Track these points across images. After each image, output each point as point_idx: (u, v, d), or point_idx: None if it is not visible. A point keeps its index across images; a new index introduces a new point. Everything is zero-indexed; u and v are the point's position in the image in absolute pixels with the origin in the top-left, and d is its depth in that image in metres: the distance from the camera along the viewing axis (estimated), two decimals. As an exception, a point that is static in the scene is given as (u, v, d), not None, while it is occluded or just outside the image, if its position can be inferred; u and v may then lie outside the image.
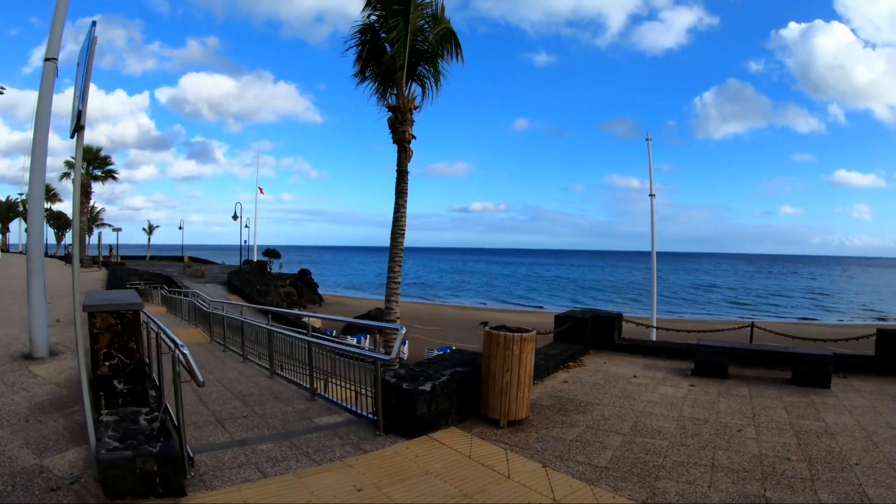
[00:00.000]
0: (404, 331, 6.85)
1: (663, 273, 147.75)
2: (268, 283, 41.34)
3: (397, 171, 14.01)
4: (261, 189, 52.67)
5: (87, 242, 44.27)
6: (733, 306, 67.08)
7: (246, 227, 49.95)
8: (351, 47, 14.55)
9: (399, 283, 13.84)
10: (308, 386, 7.74)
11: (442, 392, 5.94)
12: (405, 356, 31.80)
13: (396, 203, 13.89)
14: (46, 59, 8.03)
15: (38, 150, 7.97)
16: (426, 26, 14.11)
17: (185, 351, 4.30)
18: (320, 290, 53.90)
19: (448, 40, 14.47)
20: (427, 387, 5.76)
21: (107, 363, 4.82)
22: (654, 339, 16.77)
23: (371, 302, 61.83)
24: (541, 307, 64.44)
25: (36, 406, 5.88)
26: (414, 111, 14.23)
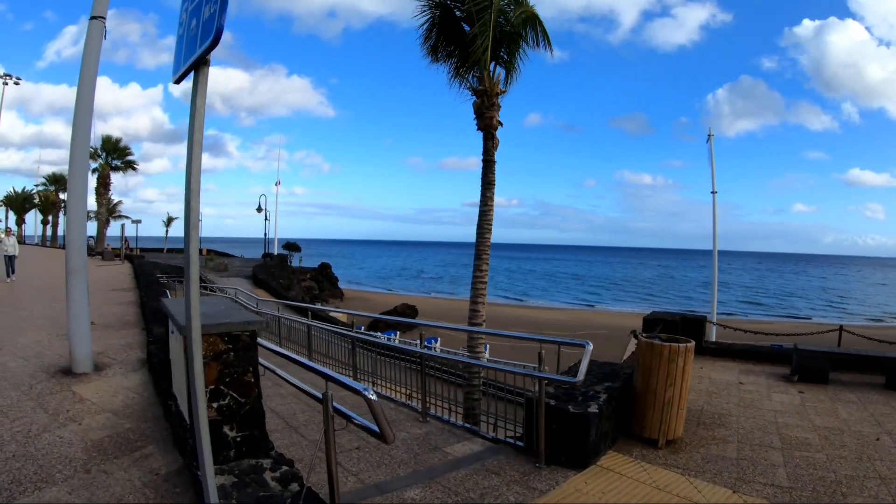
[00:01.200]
0: (591, 347, 5.63)
1: (677, 270, 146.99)
2: (290, 277, 40.04)
3: (483, 160, 12.59)
4: (278, 182, 51.22)
5: (105, 234, 43.12)
6: (752, 306, 65.56)
7: (266, 220, 48.65)
8: (423, 24, 13.07)
9: (486, 283, 12.44)
10: (418, 408, 6.70)
11: (606, 413, 5.30)
12: (437, 350, 30.68)
13: (483, 195, 12.47)
14: (92, 18, 6.69)
15: (81, 123, 6.64)
16: (507, 8, 12.72)
17: (372, 396, 2.90)
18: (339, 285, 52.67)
19: (532, 24, 13.05)
20: (595, 408, 5.06)
21: (214, 404, 3.36)
22: (713, 338, 15.41)
23: (393, 297, 60.65)
24: (592, 305, 63.15)
25: (94, 446, 4.45)
26: (500, 96, 12.82)
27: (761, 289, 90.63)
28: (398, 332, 33.79)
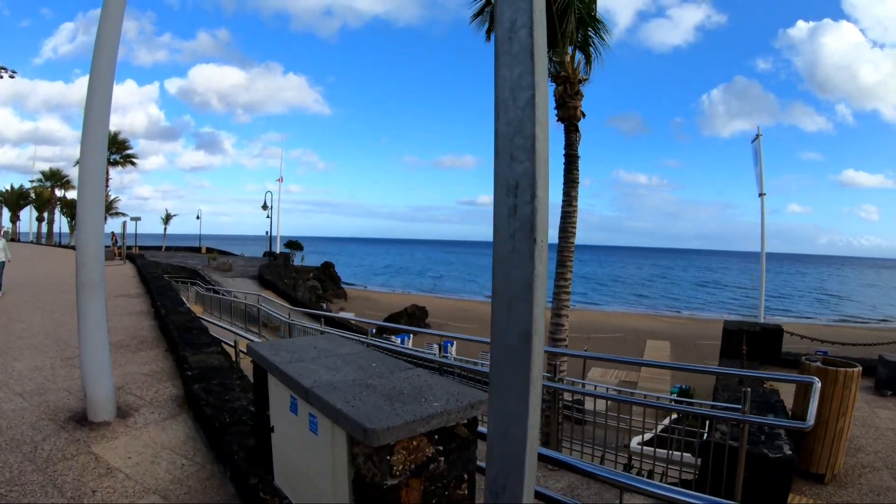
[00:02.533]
0: (819, 384, 4.84)
1: (674, 270, 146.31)
2: (295, 276, 38.42)
3: (566, 154, 11.14)
4: (280, 178, 49.60)
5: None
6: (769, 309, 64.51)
7: (268, 217, 47.04)
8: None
9: (570, 292, 11.02)
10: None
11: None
12: (451, 357, 29.17)
13: (567, 195, 11.02)
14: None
15: (98, 98, 5.02)
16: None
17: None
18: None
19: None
20: (789, 451, 4.41)
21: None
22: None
23: (399, 297, 59.25)
24: (596, 305, 62.05)
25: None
26: (581, 84, 11.37)
27: (776, 290, 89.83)
28: (411, 336, 32.36)
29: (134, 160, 42.74)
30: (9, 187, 66.50)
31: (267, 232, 47.26)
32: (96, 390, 5.00)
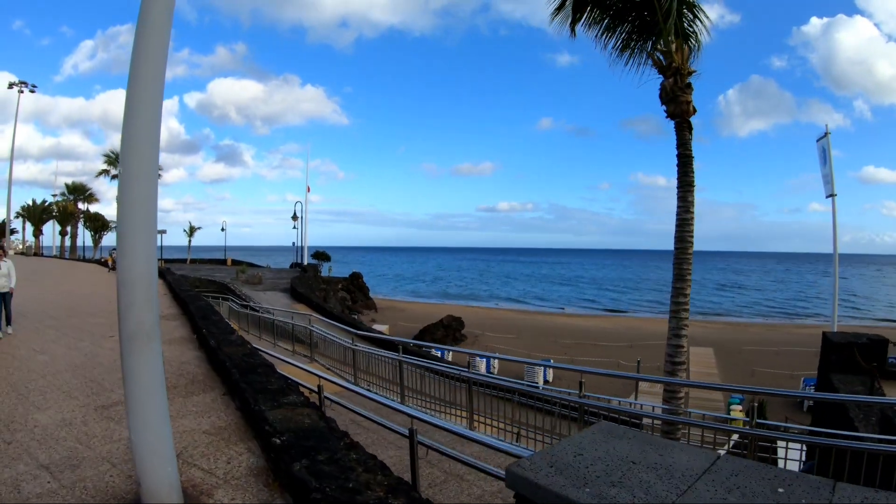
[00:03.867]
0: None
1: (695, 273, 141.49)
2: (325, 288, 36.98)
3: (679, 155, 9.58)
4: (308, 188, 48.35)
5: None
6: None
7: (294, 228, 45.79)
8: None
9: (689, 310, 9.33)
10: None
11: None
12: (495, 370, 27.52)
13: (683, 199, 9.45)
14: None
15: (149, 65, 3.44)
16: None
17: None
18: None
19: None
20: None
21: None
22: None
23: (428, 307, 57.69)
24: (623, 312, 60.35)
25: None
26: (690, 76, 9.90)
27: (801, 293, 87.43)
28: (449, 352, 30.68)
29: (159, 172, 41.44)
30: (34, 202, 66.11)
31: (294, 243, 46.03)
32: (155, 478, 3.40)
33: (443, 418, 8.46)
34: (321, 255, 47.36)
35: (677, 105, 9.57)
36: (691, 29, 10.14)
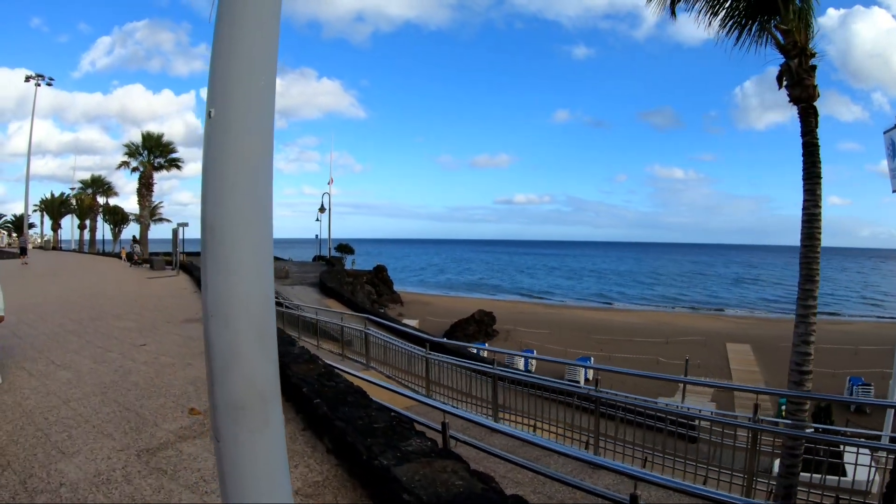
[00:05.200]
0: None
1: (714, 266, 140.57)
2: (352, 282, 35.60)
3: (805, 143, 8.36)
4: (331, 180, 46.88)
5: (148, 239, 38.94)
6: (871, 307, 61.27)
7: (316, 220, 44.46)
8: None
9: (816, 314, 7.80)
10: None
11: None
12: (533, 366, 26.05)
13: (811, 193, 8.19)
14: None
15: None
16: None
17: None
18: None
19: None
20: None
21: None
22: None
23: (455, 301, 56.31)
24: (720, 309, 58.48)
25: None
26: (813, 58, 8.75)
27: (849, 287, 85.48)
28: (486, 345, 29.27)
29: (179, 164, 40.14)
30: (52, 195, 65.44)
31: (316, 235, 44.71)
32: None
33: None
34: (345, 247, 45.96)
35: (803, 89, 8.38)
36: (810, 7, 8.90)
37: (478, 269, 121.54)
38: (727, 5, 9.68)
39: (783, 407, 19.85)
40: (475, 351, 18.13)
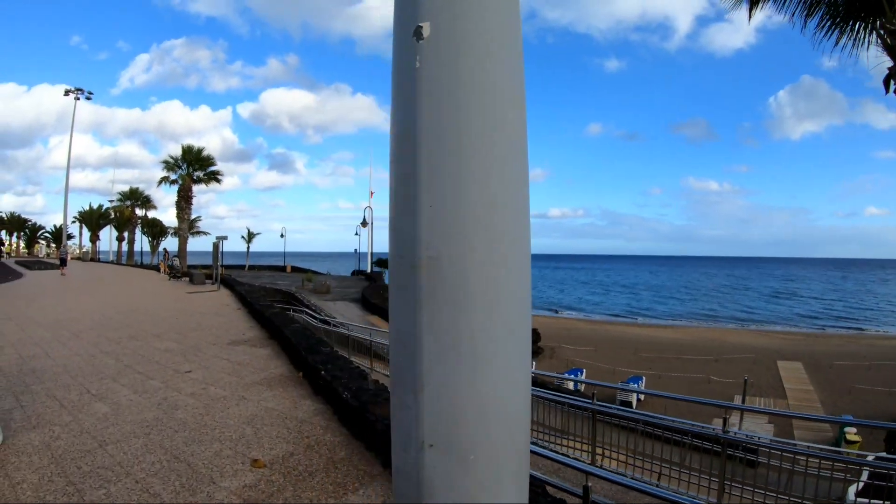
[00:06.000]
0: None
1: (749, 280, 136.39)
2: (393, 298, 34.48)
3: None
4: (371, 192, 46.16)
5: (186, 252, 38.53)
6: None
7: (356, 234, 43.75)
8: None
9: None
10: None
11: None
12: (581, 388, 24.61)
13: None
14: None
15: None
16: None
17: None
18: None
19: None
20: None
21: None
22: None
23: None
24: (765, 325, 56.73)
25: None
26: None
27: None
28: (534, 364, 27.87)
29: (219, 177, 39.76)
30: (91, 206, 66.11)
31: (355, 250, 43.98)
32: None
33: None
34: (384, 262, 45.05)
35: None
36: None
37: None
38: (825, 5, 8.67)
39: (845, 430, 18.59)
40: (569, 384, 16.85)
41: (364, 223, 42.05)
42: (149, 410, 5.66)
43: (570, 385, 23.37)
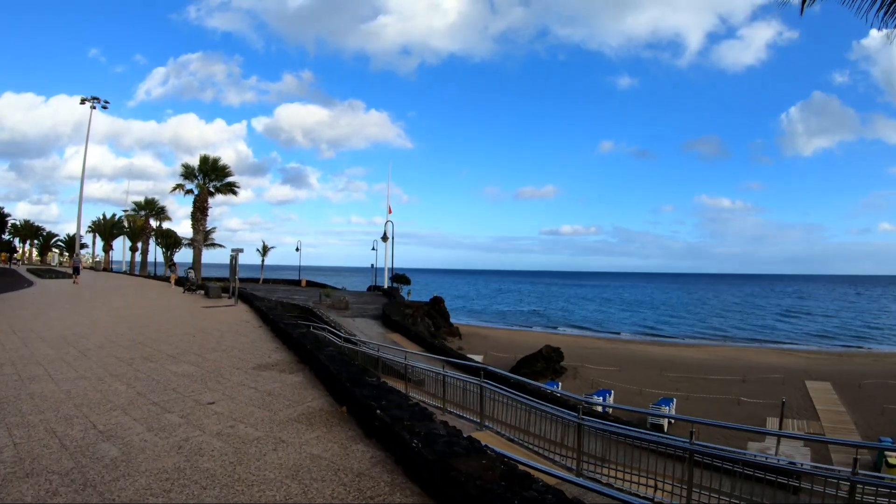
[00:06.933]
0: None
1: (760, 297, 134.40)
2: (413, 314, 33.54)
3: None
4: (389, 209, 45.23)
5: (201, 264, 37.60)
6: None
7: (372, 249, 42.79)
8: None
9: None
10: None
11: None
12: (609, 409, 23.41)
13: None
14: None
15: None
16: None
17: None
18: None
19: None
20: None
21: None
22: None
23: (513, 334, 54.11)
24: (788, 344, 55.71)
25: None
26: None
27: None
28: (559, 385, 26.90)
29: (235, 188, 38.88)
30: (104, 216, 65.66)
31: (372, 265, 43.02)
32: None
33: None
34: (401, 277, 44.04)
35: None
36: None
37: (528, 300, 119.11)
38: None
39: (886, 454, 17.63)
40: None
41: (385, 237, 41.04)
42: (167, 456, 4.58)
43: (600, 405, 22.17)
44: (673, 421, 23.33)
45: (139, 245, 59.69)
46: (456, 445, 4.08)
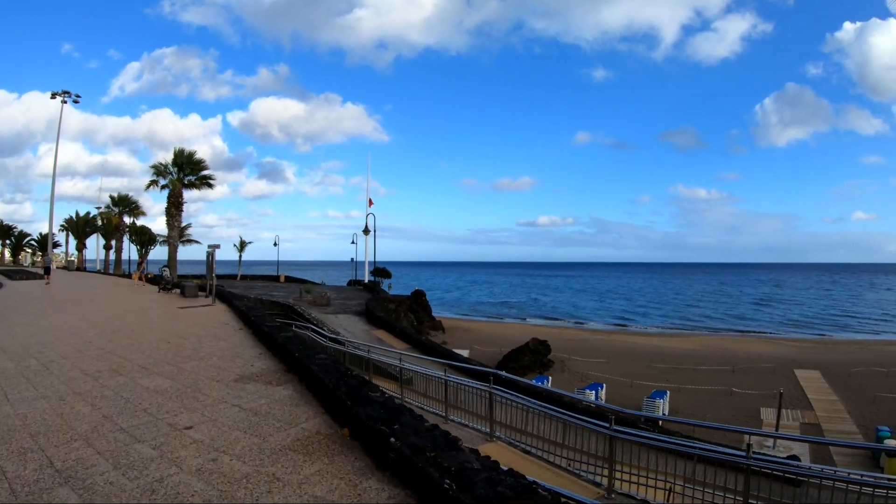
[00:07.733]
0: None
1: (733, 286, 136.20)
2: (395, 308, 32.69)
3: None
4: (370, 201, 44.23)
5: (177, 261, 36.30)
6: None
7: (353, 243, 41.88)
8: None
9: None
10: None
11: None
12: (602, 400, 22.96)
13: None
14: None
15: None
16: None
17: None
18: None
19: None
20: None
21: None
22: None
23: (495, 326, 53.55)
24: (771, 333, 55.78)
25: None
26: None
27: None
28: (549, 379, 26.38)
29: (211, 181, 37.50)
30: (77, 214, 63.77)
31: (352, 259, 42.06)
32: None
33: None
34: (382, 271, 43.11)
35: None
36: None
37: (505, 292, 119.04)
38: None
39: (884, 438, 17.90)
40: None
41: (366, 230, 40.11)
42: (137, 504, 3.73)
43: (592, 396, 21.58)
44: (666, 412, 22.98)
45: (113, 243, 57.97)
46: (499, 484, 3.30)
